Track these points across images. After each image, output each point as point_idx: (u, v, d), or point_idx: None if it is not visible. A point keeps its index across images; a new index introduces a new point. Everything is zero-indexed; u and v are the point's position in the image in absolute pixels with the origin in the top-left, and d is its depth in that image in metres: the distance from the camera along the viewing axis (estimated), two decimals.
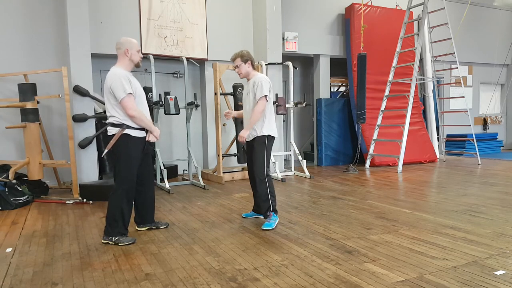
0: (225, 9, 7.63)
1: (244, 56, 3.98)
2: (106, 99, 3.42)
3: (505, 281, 2.48)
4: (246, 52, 4.01)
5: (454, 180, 6.35)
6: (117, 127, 3.38)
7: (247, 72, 4.02)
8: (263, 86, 3.82)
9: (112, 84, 3.33)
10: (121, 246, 3.35)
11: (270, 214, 3.84)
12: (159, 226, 3.88)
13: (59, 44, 6.33)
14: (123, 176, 3.43)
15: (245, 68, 4.00)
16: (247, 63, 3.98)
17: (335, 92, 10.14)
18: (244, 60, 3.97)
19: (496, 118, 11.97)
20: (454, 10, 9.94)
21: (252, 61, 4.01)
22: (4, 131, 6.02)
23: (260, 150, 3.88)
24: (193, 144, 7.27)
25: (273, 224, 3.79)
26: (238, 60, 3.99)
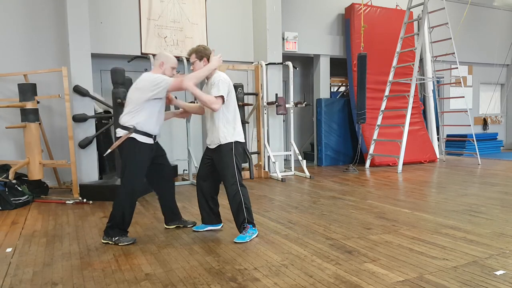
0: (225, 9, 7.63)
1: (199, 52, 3.49)
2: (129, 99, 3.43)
3: (505, 281, 2.48)
4: (203, 48, 3.53)
5: (454, 180, 6.35)
6: (125, 130, 3.38)
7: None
8: (220, 86, 3.40)
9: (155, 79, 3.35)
10: (121, 246, 3.35)
11: (247, 226, 3.46)
12: (186, 225, 3.89)
13: (59, 44, 6.33)
14: (128, 179, 3.43)
15: (199, 66, 3.50)
16: (202, 60, 3.49)
17: (335, 92, 10.14)
18: (199, 56, 3.49)
19: (496, 118, 11.97)
20: (454, 10, 9.94)
21: (208, 58, 3.51)
22: (4, 131, 6.02)
23: (229, 158, 3.46)
24: (193, 144, 7.26)
25: (247, 237, 3.42)
26: (193, 57, 3.51)
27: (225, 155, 3.47)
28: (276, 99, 7.12)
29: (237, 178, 3.46)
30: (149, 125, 3.41)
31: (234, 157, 3.47)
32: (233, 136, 3.50)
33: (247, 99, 7.23)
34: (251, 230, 3.48)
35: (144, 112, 3.37)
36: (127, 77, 6.11)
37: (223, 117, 3.50)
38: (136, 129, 3.36)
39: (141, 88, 3.38)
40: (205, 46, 3.61)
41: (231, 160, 3.46)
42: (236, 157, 3.48)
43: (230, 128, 3.50)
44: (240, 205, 3.44)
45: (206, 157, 3.68)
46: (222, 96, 3.40)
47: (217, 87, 3.39)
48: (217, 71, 3.56)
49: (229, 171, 3.46)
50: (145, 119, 3.37)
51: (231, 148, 3.47)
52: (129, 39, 6.70)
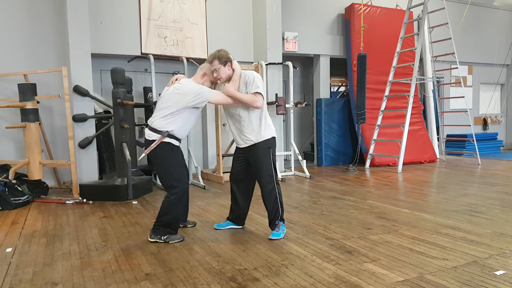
0: (225, 9, 7.63)
1: (222, 57, 3.40)
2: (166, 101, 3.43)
3: (505, 281, 2.47)
4: (224, 52, 3.45)
5: (454, 180, 6.34)
6: (158, 134, 3.37)
7: (228, 75, 3.47)
8: (258, 83, 3.38)
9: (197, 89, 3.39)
10: (171, 243, 3.38)
11: (278, 223, 3.51)
12: (186, 225, 3.89)
13: (59, 44, 6.33)
14: (177, 177, 3.43)
15: (225, 72, 3.43)
16: (226, 65, 3.43)
17: (335, 92, 10.14)
18: (223, 62, 3.40)
19: (496, 118, 11.97)
20: (454, 10, 9.94)
21: (231, 61, 3.46)
22: (4, 131, 6.02)
23: (266, 156, 3.47)
24: (193, 144, 7.26)
25: (281, 233, 3.48)
26: (216, 63, 3.39)
27: (262, 153, 3.48)
28: (276, 99, 7.12)
29: (274, 176, 3.51)
30: (182, 132, 3.45)
31: (271, 155, 3.50)
32: (269, 132, 3.51)
33: None
34: (282, 227, 3.54)
35: (181, 120, 3.38)
36: (127, 77, 6.12)
37: (258, 114, 3.47)
38: (169, 134, 3.37)
39: (182, 93, 3.36)
40: (224, 50, 3.51)
41: (268, 157, 3.48)
42: (272, 155, 3.51)
43: (265, 124, 3.50)
44: (275, 202, 3.50)
45: (239, 157, 3.66)
46: (261, 93, 3.38)
47: (255, 84, 3.37)
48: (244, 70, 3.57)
49: (266, 169, 3.48)
50: (180, 126, 3.39)
51: (268, 146, 3.49)
52: (129, 39, 6.70)
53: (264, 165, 3.48)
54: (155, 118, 3.41)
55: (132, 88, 6.57)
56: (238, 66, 3.51)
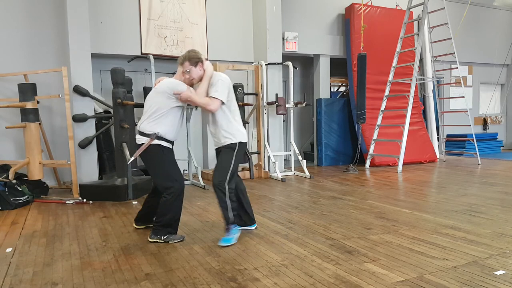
0: (225, 9, 7.63)
1: (193, 58, 3.33)
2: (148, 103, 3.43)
3: (505, 281, 2.47)
4: (194, 53, 3.37)
5: (454, 180, 6.34)
6: (146, 137, 3.38)
7: (200, 75, 3.40)
8: (218, 86, 3.30)
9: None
10: (171, 243, 3.38)
11: (229, 227, 3.36)
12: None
13: (59, 44, 6.33)
14: (171, 177, 3.42)
15: (196, 72, 3.37)
16: (197, 65, 3.35)
17: (335, 92, 10.14)
18: (193, 63, 3.33)
19: (496, 118, 11.97)
20: (454, 10, 9.94)
21: (203, 62, 3.39)
22: (4, 131, 6.02)
23: (227, 157, 3.40)
24: (193, 144, 7.26)
25: (231, 239, 3.32)
26: (187, 64, 3.33)
27: (224, 154, 3.43)
28: (276, 99, 7.12)
29: (227, 178, 3.35)
30: (171, 133, 3.43)
31: (233, 158, 3.40)
32: (236, 136, 3.43)
33: (247, 99, 7.23)
34: (234, 231, 3.39)
35: (167, 121, 3.36)
36: (127, 77, 6.11)
37: (225, 118, 3.41)
38: (158, 136, 3.37)
39: (160, 92, 3.36)
40: (195, 50, 3.45)
41: (228, 159, 3.40)
42: (235, 159, 3.41)
43: (233, 129, 3.43)
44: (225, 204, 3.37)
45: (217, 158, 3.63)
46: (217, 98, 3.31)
47: (215, 87, 3.32)
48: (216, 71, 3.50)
49: (220, 170, 3.38)
50: (167, 127, 3.38)
51: (233, 148, 3.42)
52: (129, 39, 6.70)
53: (220, 166, 3.42)
54: (142, 121, 3.43)
55: (132, 88, 6.57)
56: (210, 67, 3.44)
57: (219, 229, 3.82)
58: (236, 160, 3.43)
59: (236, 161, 3.44)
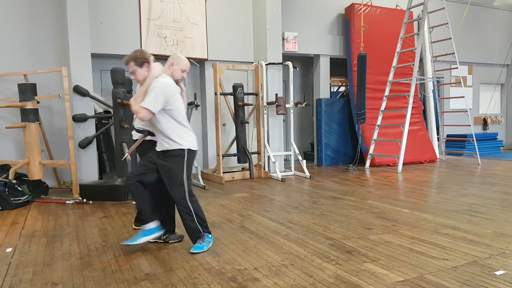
0: (225, 9, 7.63)
1: (139, 59, 3.19)
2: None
3: (505, 281, 2.48)
4: (140, 53, 3.23)
5: (454, 180, 6.34)
6: (140, 133, 3.43)
7: (145, 76, 3.23)
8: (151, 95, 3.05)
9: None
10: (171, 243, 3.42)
11: (203, 235, 3.24)
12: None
13: (59, 44, 6.33)
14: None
15: (142, 73, 3.21)
16: (143, 66, 3.21)
17: (335, 92, 10.14)
18: (139, 63, 3.19)
19: (496, 118, 11.97)
20: (454, 10, 9.94)
21: (149, 63, 3.23)
22: (4, 131, 6.02)
23: (178, 166, 3.19)
24: None
25: (205, 246, 3.20)
26: (132, 65, 3.19)
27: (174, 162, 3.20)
28: (276, 99, 7.12)
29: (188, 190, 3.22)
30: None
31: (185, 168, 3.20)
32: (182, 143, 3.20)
33: (247, 99, 7.23)
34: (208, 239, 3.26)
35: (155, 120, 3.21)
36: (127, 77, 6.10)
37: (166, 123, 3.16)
38: (150, 132, 3.37)
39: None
40: (142, 50, 3.28)
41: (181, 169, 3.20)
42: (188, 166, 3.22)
43: (176, 137, 3.18)
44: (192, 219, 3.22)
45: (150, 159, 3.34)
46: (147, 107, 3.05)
47: (148, 96, 3.07)
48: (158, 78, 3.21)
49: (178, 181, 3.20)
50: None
51: (182, 156, 3.19)
52: (129, 39, 6.70)
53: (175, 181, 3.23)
54: (136, 118, 3.44)
55: (132, 88, 6.56)
56: (156, 69, 3.26)
57: (219, 229, 3.83)
58: (187, 169, 3.22)
59: (188, 169, 3.23)
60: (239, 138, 6.94)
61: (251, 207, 4.72)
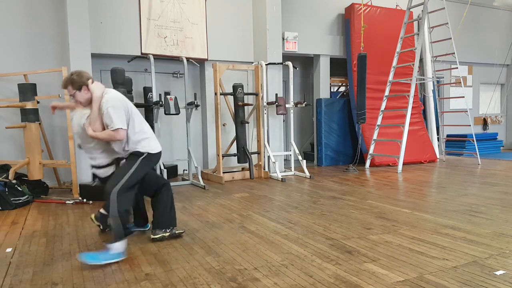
0: (225, 9, 7.63)
1: (76, 82, 3.06)
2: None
3: (505, 281, 2.48)
4: (77, 76, 3.08)
5: (454, 180, 6.34)
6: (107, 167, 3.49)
7: (87, 100, 3.13)
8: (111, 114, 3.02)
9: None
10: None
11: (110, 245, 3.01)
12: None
13: (59, 44, 6.33)
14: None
15: (82, 96, 3.10)
16: (82, 89, 3.08)
17: (335, 92, 10.14)
18: (77, 87, 3.07)
19: (496, 118, 11.97)
20: (454, 10, 9.94)
21: (87, 85, 3.09)
22: (4, 131, 6.02)
23: (128, 164, 3.19)
24: (193, 144, 7.27)
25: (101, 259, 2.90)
26: (70, 89, 3.09)
27: (128, 160, 3.24)
28: (276, 99, 7.12)
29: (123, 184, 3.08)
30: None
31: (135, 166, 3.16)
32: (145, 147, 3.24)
33: (247, 99, 7.23)
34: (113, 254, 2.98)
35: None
36: (127, 77, 6.11)
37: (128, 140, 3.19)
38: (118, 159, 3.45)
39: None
40: (79, 72, 3.14)
41: (129, 166, 3.17)
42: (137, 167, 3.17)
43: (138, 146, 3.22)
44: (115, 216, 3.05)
45: None
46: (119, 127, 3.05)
47: (108, 118, 3.03)
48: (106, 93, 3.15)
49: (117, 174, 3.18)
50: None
51: (138, 156, 3.21)
52: (129, 39, 6.70)
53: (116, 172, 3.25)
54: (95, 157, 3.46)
55: (132, 88, 6.57)
56: (97, 90, 3.14)
57: (219, 229, 3.83)
58: (137, 170, 3.17)
59: (138, 170, 3.18)
60: (239, 138, 6.95)
61: (251, 207, 4.72)
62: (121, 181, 3.09)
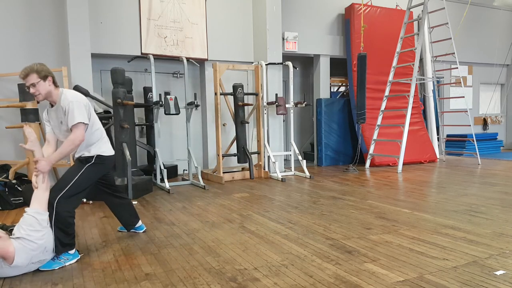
0: (225, 9, 7.63)
1: (42, 71, 2.93)
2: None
3: (505, 281, 2.47)
4: (43, 66, 2.99)
5: (454, 180, 6.34)
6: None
7: (49, 92, 2.98)
8: (74, 112, 2.93)
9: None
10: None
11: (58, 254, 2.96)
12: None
13: (59, 44, 6.33)
14: None
15: (45, 87, 2.95)
16: (47, 80, 2.95)
17: (335, 92, 10.14)
18: (42, 76, 2.93)
19: (496, 118, 11.97)
20: (454, 10, 9.94)
21: (53, 77, 3.00)
22: (4, 131, 6.02)
23: (75, 169, 3.10)
24: (193, 144, 7.26)
25: (55, 264, 2.90)
26: (35, 77, 2.90)
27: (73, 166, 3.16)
28: (276, 99, 7.12)
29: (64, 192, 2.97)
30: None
31: (80, 173, 3.07)
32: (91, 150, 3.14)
33: (247, 99, 7.23)
34: (65, 255, 2.97)
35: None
36: (127, 77, 6.11)
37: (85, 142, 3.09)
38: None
39: None
40: (42, 64, 3.01)
41: (73, 174, 3.07)
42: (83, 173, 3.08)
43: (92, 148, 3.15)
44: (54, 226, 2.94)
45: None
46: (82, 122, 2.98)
47: (72, 113, 2.94)
48: (61, 90, 3.07)
49: (64, 180, 3.06)
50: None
51: (83, 162, 3.13)
52: (129, 39, 6.70)
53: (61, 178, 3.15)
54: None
55: (132, 88, 6.57)
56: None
57: (219, 229, 3.83)
58: (82, 176, 3.07)
59: (83, 177, 3.08)
60: (239, 138, 6.95)
61: (251, 207, 4.72)
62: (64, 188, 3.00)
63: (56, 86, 3.04)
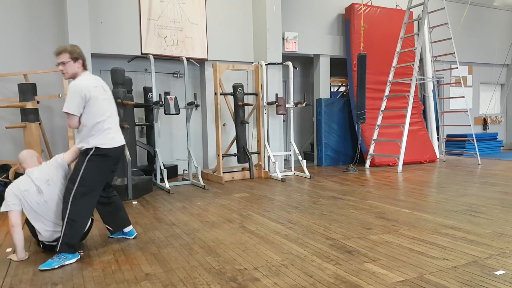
0: (225, 9, 7.63)
1: (74, 53, 3.05)
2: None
3: (505, 281, 2.47)
4: (76, 49, 3.09)
5: (454, 180, 6.34)
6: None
7: (75, 73, 3.09)
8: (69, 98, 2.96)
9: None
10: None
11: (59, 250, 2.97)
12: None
13: (59, 44, 6.28)
14: None
15: (73, 68, 3.07)
16: (77, 62, 3.07)
17: (335, 92, 10.14)
18: (74, 57, 3.05)
19: (496, 118, 11.97)
20: (454, 10, 9.94)
21: (84, 60, 3.12)
22: (4, 131, 6.02)
23: (79, 164, 3.08)
24: (193, 144, 7.26)
25: (55, 263, 2.90)
26: (66, 56, 3.03)
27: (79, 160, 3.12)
28: (276, 99, 7.12)
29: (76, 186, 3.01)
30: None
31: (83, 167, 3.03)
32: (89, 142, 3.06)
33: (247, 99, 7.24)
34: (62, 255, 2.96)
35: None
36: (127, 77, 6.11)
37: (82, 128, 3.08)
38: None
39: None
40: (76, 46, 3.13)
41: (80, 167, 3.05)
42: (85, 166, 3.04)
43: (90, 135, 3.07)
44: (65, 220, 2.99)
45: None
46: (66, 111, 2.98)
47: (67, 101, 2.98)
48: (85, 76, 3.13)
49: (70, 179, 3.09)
50: None
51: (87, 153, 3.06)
52: (129, 39, 6.70)
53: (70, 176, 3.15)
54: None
55: (132, 88, 6.57)
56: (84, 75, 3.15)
57: (219, 229, 3.83)
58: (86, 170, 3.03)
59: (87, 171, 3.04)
60: (239, 138, 6.95)
61: (251, 207, 4.72)
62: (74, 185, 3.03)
63: (85, 69, 3.14)
